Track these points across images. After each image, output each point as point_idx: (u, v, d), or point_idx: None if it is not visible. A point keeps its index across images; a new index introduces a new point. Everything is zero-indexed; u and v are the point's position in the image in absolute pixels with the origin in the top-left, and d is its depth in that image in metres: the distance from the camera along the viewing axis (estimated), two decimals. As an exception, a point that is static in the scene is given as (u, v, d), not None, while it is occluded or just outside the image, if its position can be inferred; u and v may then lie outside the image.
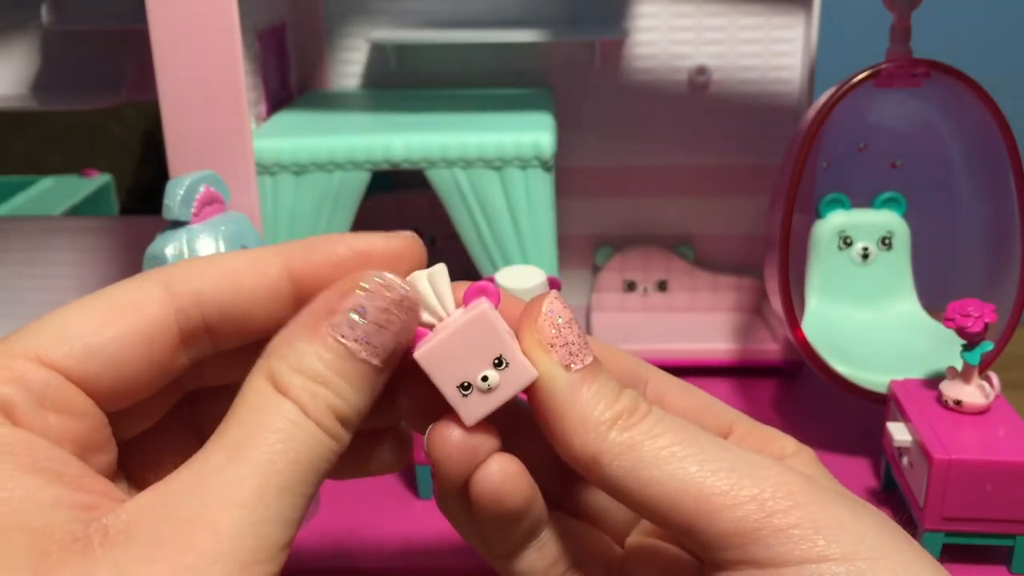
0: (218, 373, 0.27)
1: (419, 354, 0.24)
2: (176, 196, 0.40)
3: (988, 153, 0.54)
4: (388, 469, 0.28)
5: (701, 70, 0.66)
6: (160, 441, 0.27)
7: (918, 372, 0.52)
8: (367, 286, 0.23)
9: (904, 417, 0.48)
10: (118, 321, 0.24)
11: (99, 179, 0.70)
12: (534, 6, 0.66)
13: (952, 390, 0.48)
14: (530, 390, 0.25)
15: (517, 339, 0.25)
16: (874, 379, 0.53)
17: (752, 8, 0.65)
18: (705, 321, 0.69)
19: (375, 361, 0.23)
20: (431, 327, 0.25)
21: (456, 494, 0.26)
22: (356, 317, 0.23)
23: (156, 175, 0.67)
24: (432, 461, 0.25)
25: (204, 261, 0.25)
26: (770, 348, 0.65)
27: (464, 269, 0.63)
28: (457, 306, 0.25)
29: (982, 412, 0.47)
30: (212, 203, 0.41)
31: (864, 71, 0.53)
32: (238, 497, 0.21)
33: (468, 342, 0.24)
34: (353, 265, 0.25)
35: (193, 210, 0.40)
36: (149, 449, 0.27)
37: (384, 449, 0.28)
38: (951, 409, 0.48)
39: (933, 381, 0.50)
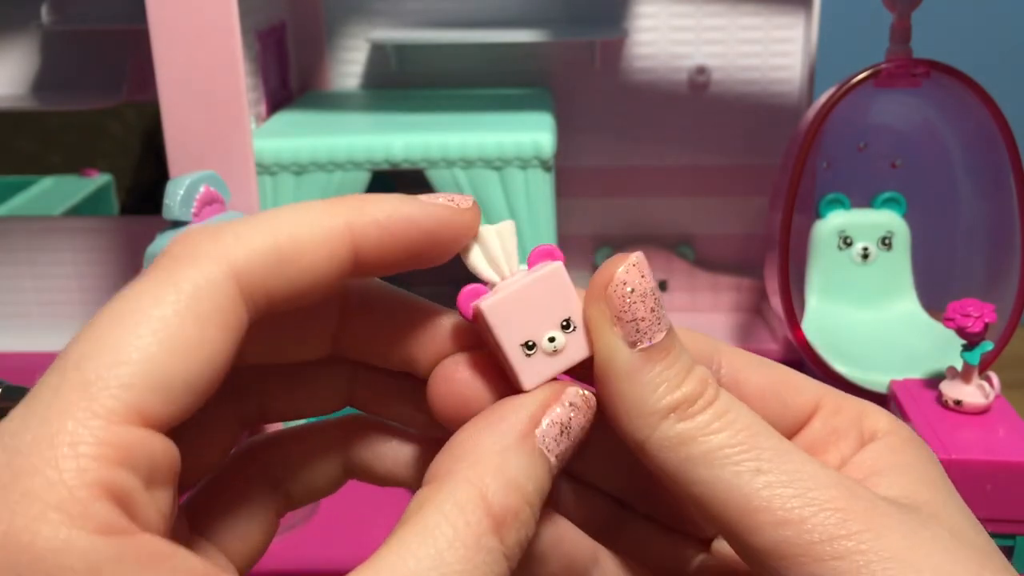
0: (283, 404, 0.26)
1: (486, 306, 0.23)
2: (176, 196, 0.40)
3: (988, 153, 0.54)
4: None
5: (701, 70, 0.66)
6: (225, 492, 0.25)
7: (918, 372, 0.52)
8: (574, 403, 0.23)
9: (904, 417, 0.48)
10: (203, 339, 0.19)
11: (99, 179, 0.70)
12: (534, 6, 0.66)
13: (952, 390, 0.48)
14: (593, 365, 0.23)
15: (583, 307, 0.23)
16: (874, 379, 0.53)
17: (752, 8, 0.65)
18: (705, 321, 0.69)
19: (556, 471, 0.22)
20: (491, 285, 0.24)
21: None
22: (562, 432, 0.22)
23: (156, 175, 0.67)
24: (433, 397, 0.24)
25: (267, 241, 0.20)
26: (770, 348, 0.65)
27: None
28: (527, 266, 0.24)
29: (982, 412, 0.47)
30: (212, 203, 0.41)
31: (864, 71, 0.53)
32: None
33: (538, 299, 0.23)
34: (424, 242, 0.23)
35: (193, 210, 0.40)
36: (216, 499, 0.25)
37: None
38: (951, 409, 0.48)
39: (933, 381, 0.50)
